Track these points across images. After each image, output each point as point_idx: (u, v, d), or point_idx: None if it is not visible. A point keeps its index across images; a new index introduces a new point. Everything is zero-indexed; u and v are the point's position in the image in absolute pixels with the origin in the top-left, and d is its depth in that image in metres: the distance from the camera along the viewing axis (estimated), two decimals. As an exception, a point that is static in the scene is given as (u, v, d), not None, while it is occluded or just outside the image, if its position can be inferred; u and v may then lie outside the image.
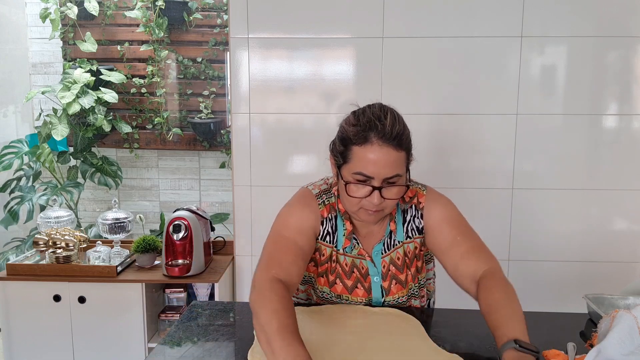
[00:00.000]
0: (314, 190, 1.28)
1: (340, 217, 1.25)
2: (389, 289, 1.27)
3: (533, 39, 2.05)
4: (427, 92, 2.11)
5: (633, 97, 2.08)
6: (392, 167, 1.11)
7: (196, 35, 3.23)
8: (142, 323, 2.30)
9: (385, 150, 1.10)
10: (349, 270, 1.26)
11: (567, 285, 2.16)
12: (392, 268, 1.27)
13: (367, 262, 1.27)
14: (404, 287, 1.28)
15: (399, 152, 1.11)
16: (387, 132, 1.10)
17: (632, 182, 2.12)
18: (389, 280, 1.27)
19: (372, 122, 1.11)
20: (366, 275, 1.27)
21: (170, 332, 1.21)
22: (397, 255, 1.27)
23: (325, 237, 1.25)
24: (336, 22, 2.09)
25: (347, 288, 1.27)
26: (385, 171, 1.10)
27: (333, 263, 1.26)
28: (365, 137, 1.10)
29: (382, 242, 1.27)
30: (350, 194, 1.14)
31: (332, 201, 1.26)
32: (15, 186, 3.12)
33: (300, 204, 1.25)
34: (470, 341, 1.16)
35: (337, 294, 1.27)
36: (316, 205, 1.24)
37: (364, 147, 1.10)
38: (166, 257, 2.27)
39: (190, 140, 3.32)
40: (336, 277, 1.27)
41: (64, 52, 3.28)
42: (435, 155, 2.13)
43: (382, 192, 1.12)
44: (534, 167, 2.12)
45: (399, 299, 1.29)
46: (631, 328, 1.01)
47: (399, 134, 1.11)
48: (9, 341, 2.32)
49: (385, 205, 1.15)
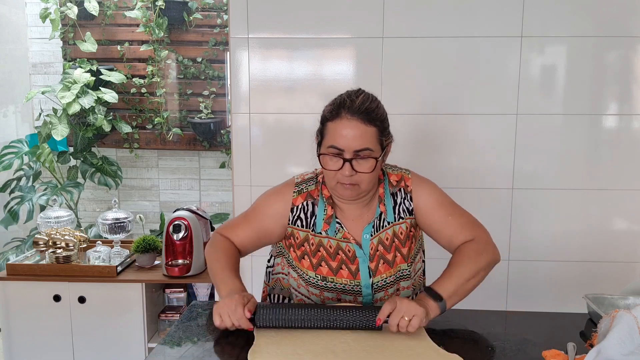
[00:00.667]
0: (297, 179, 1.39)
1: (323, 201, 1.33)
2: (376, 270, 1.31)
3: (533, 39, 2.05)
4: (427, 92, 2.11)
5: (633, 97, 2.08)
6: (360, 139, 1.19)
7: (196, 35, 3.23)
8: (142, 323, 2.30)
9: (354, 123, 1.20)
10: (333, 252, 1.32)
11: (567, 285, 2.16)
12: (380, 248, 1.32)
13: (353, 245, 1.31)
14: (391, 266, 1.32)
15: (368, 126, 1.20)
16: (356, 107, 1.21)
17: (632, 182, 2.12)
18: (376, 260, 1.31)
19: (342, 99, 1.24)
20: (353, 257, 1.31)
21: (170, 332, 1.21)
22: (386, 235, 1.32)
23: (296, 222, 1.34)
24: (336, 22, 2.09)
25: (331, 270, 1.31)
26: (354, 143, 1.19)
27: (311, 246, 1.32)
28: (337, 112, 1.22)
29: (371, 223, 1.32)
30: (325, 167, 1.25)
31: (310, 189, 1.35)
32: (15, 186, 3.12)
33: (274, 192, 1.39)
34: (470, 341, 1.16)
35: (323, 276, 1.31)
36: (290, 194, 1.35)
37: (335, 122, 1.22)
38: (166, 257, 2.28)
39: (190, 140, 3.32)
40: (320, 259, 1.32)
41: (64, 52, 3.28)
42: (435, 155, 2.13)
43: (354, 164, 1.21)
44: (534, 167, 2.12)
45: (387, 278, 1.32)
46: (631, 328, 1.01)
47: (367, 109, 1.21)
48: (9, 341, 2.32)
49: (359, 180, 1.23)
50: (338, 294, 1.32)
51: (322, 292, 1.32)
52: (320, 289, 1.32)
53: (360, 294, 1.32)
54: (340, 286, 1.31)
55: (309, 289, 1.34)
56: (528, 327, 1.23)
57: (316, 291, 1.33)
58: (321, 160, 1.25)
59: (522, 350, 1.12)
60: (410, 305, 1.12)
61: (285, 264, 1.41)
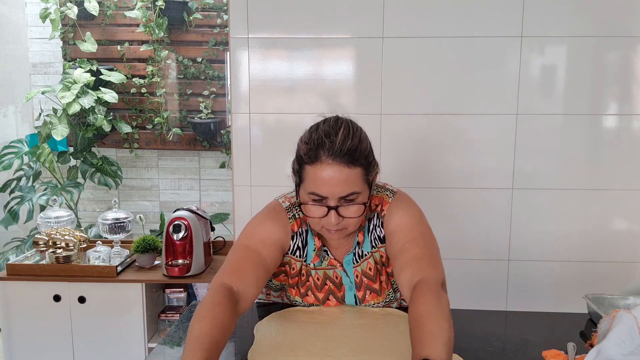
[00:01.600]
0: (284, 204, 1.26)
1: (310, 232, 1.24)
2: (363, 298, 1.26)
3: (533, 39, 2.05)
4: (427, 92, 2.11)
5: (633, 97, 2.08)
6: (345, 185, 1.07)
7: (196, 35, 3.23)
8: (142, 323, 2.30)
9: (336, 167, 1.06)
10: (320, 284, 1.25)
11: (567, 285, 2.16)
12: (365, 279, 1.25)
13: (340, 271, 1.26)
14: (379, 295, 1.26)
15: (352, 168, 1.07)
16: (337, 149, 1.06)
17: (632, 182, 2.12)
18: (363, 290, 1.26)
19: (321, 140, 1.08)
20: (340, 284, 1.26)
21: (170, 332, 1.21)
22: (368, 265, 1.25)
23: (295, 252, 1.24)
24: (336, 22, 2.09)
25: (318, 300, 1.26)
26: (338, 190, 1.07)
27: (303, 277, 1.26)
28: (316, 155, 1.07)
29: (351, 252, 1.25)
30: (308, 214, 1.13)
31: (301, 215, 1.23)
32: (15, 186, 3.12)
33: (270, 216, 1.23)
34: (470, 341, 1.16)
35: (310, 304, 1.27)
36: (286, 219, 1.23)
37: (314, 166, 1.08)
38: (166, 257, 2.28)
39: (190, 140, 3.32)
40: (307, 289, 1.27)
41: (64, 52, 3.28)
42: (434, 155, 2.13)
43: (340, 211, 1.09)
44: (534, 167, 2.12)
45: (375, 305, 1.28)
46: (631, 328, 1.01)
47: (350, 149, 1.07)
48: (9, 341, 2.32)
49: (347, 224, 1.12)
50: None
51: None
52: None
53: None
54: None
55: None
56: (528, 327, 1.23)
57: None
58: (304, 207, 1.13)
59: (522, 350, 1.12)
60: None
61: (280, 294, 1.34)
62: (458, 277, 2.17)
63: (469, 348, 1.12)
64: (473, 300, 2.14)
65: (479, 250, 2.18)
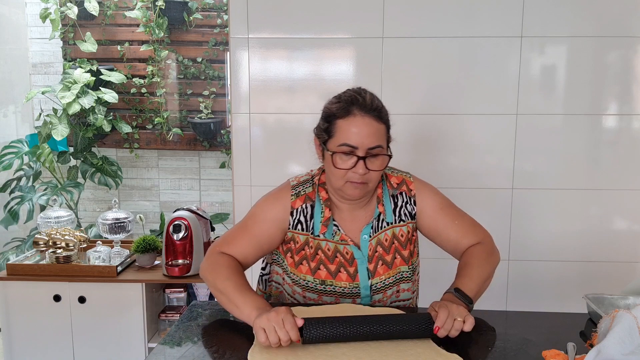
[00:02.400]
0: (292, 182, 1.35)
1: (320, 204, 1.31)
2: (374, 271, 1.31)
3: (533, 39, 2.05)
4: (427, 92, 2.11)
5: (633, 97, 2.08)
6: (374, 137, 1.19)
7: (196, 35, 3.23)
8: (142, 323, 2.30)
9: (367, 120, 1.19)
10: (331, 255, 1.30)
11: (567, 285, 2.16)
12: (379, 249, 1.31)
13: (351, 246, 1.30)
14: (389, 268, 1.31)
15: (380, 123, 1.21)
16: (368, 104, 1.20)
17: (632, 182, 2.12)
18: (374, 262, 1.31)
19: (353, 97, 1.22)
20: (352, 259, 1.30)
21: (170, 332, 1.21)
22: (385, 236, 1.32)
23: (297, 226, 1.31)
24: (336, 22, 2.09)
25: (330, 273, 1.30)
26: (368, 141, 1.19)
27: (310, 249, 1.30)
28: (348, 110, 1.20)
29: (370, 224, 1.31)
30: (336, 166, 1.21)
31: (308, 191, 1.32)
32: (15, 186, 3.12)
33: (271, 196, 1.34)
34: (470, 341, 1.16)
35: (322, 280, 1.30)
36: (288, 198, 1.32)
37: (347, 120, 1.20)
38: (166, 257, 2.28)
39: (190, 140, 3.32)
40: (319, 262, 1.30)
41: (64, 52, 3.28)
42: (435, 155, 2.13)
43: (366, 162, 1.20)
44: (534, 167, 2.12)
45: (386, 280, 1.31)
46: (631, 328, 1.01)
47: (378, 106, 1.22)
48: (9, 341, 2.32)
49: (369, 178, 1.22)
50: (337, 298, 1.32)
51: (321, 297, 1.32)
52: (319, 293, 1.31)
53: (359, 296, 1.31)
54: (339, 289, 1.30)
55: (306, 294, 1.32)
56: (528, 327, 1.23)
57: (314, 296, 1.32)
58: (333, 158, 1.22)
59: (522, 350, 1.12)
60: (460, 309, 1.10)
61: (280, 271, 1.38)
62: (458, 277, 2.18)
63: (469, 348, 1.12)
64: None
65: (479, 250, 2.18)
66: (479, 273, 1.24)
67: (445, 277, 2.17)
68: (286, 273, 1.35)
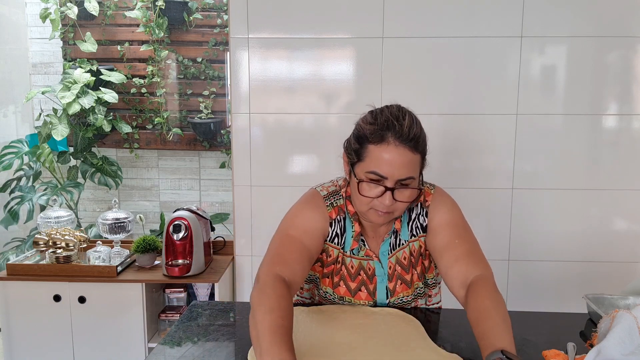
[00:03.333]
0: (322, 192, 1.27)
1: (349, 218, 1.24)
2: (394, 290, 1.27)
3: (533, 39, 2.05)
4: (427, 92, 2.11)
5: (633, 97, 2.08)
6: (406, 168, 1.09)
7: (196, 35, 3.23)
8: (142, 323, 2.30)
9: (401, 151, 1.09)
10: (354, 272, 1.25)
11: (567, 285, 2.16)
12: (398, 268, 1.26)
13: (375, 262, 1.26)
14: (409, 287, 1.27)
15: (415, 154, 1.10)
16: (405, 133, 1.09)
17: (632, 182, 2.12)
18: (394, 281, 1.26)
19: (390, 122, 1.10)
20: (372, 276, 1.26)
21: (170, 332, 1.21)
22: (404, 255, 1.26)
23: (334, 239, 1.24)
24: (336, 22, 2.09)
25: (350, 291, 1.27)
26: (399, 172, 1.09)
27: (339, 264, 1.26)
28: (382, 136, 1.10)
29: (386, 241, 1.26)
30: (362, 193, 1.13)
31: (340, 203, 1.25)
32: (15, 186, 3.12)
33: (309, 204, 1.25)
34: (470, 341, 1.16)
35: (340, 296, 1.27)
36: (324, 207, 1.24)
37: (379, 146, 1.10)
38: (166, 257, 2.28)
39: (190, 140, 3.32)
40: (340, 279, 1.26)
41: (64, 52, 3.28)
42: (434, 155, 2.12)
43: (394, 193, 1.11)
44: (534, 167, 2.12)
45: (404, 298, 1.28)
46: (631, 328, 1.01)
47: (415, 136, 1.10)
48: (9, 341, 2.32)
49: (395, 208, 1.13)
50: None
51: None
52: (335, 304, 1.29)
53: None
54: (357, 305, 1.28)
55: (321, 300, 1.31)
56: (528, 327, 1.23)
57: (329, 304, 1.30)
58: (359, 185, 1.13)
59: (522, 350, 1.12)
60: None
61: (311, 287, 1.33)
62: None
63: (469, 348, 1.12)
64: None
65: (479, 250, 2.18)
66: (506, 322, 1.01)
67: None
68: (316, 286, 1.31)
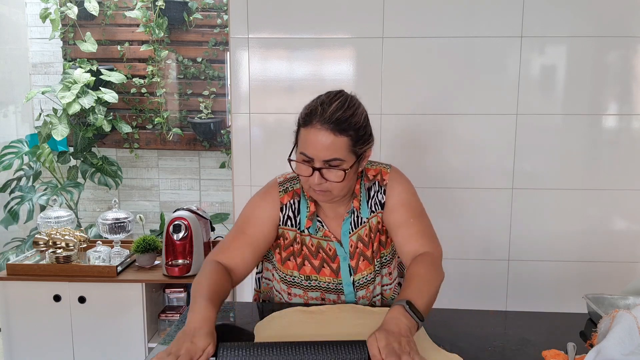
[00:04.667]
0: (279, 180, 1.36)
1: (304, 199, 1.31)
2: (356, 267, 1.32)
3: (533, 39, 2.05)
4: (427, 92, 2.11)
5: (633, 97, 2.08)
6: (330, 150, 1.15)
7: (196, 35, 3.23)
8: (142, 323, 2.30)
9: (323, 133, 1.15)
10: (314, 250, 1.31)
11: (567, 285, 2.16)
12: (360, 245, 1.32)
13: (334, 243, 1.31)
14: (370, 263, 1.32)
15: (338, 137, 1.15)
16: (327, 116, 1.15)
17: (632, 182, 2.12)
18: (356, 258, 1.32)
19: (315, 107, 1.18)
20: (334, 256, 1.32)
21: (170, 332, 1.21)
22: (365, 232, 1.32)
23: (287, 222, 1.31)
24: (336, 22, 2.09)
25: (314, 268, 1.32)
26: (323, 154, 1.16)
27: (297, 245, 1.32)
28: (309, 120, 1.17)
29: (347, 220, 1.31)
30: (297, 172, 1.23)
31: (296, 187, 1.32)
32: (15, 186, 3.12)
33: (260, 195, 1.34)
34: (470, 341, 1.16)
35: (307, 275, 1.32)
36: (276, 194, 1.32)
37: (306, 129, 1.18)
38: (166, 257, 2.28)
39: (190, 140, 3.32)
40: (303, 258, 1.32)
41: (64, 52, 3.28)
42: (434, 155, 2.13)
43: (323, 173, 1.18)
44: (534, 167, 2.12)
45: (367, 276, 1.33)
46: (631, 328, 1.01)
47: (339, 119, 1.15)
48: (9, 341, 2.32)
49: (330, 187, 1.20)
50: (322, 293, 1.34)
51: (306, 292, 1.34)
52: (305, 289, 1.33)
53: (343, 293, 1.33)
54: (324, 285, 1.33)
55: (291, 290, 1.34)
56: (528, 327, 1.23)
57: (300, 292, 1.34)
58: (292, 165, 1.23)
59: (522, 350, 1.12)
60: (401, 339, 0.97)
61: (270, 267, 1.40)
62: (458, 277, 2.17)
63: (469, 348, 1.12)
64: (473, 300, 2.15)
65: (479, 250, 2.18)
66: (429, 289, 1.14)
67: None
68: (275, 269, 1.37)
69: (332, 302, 1.33)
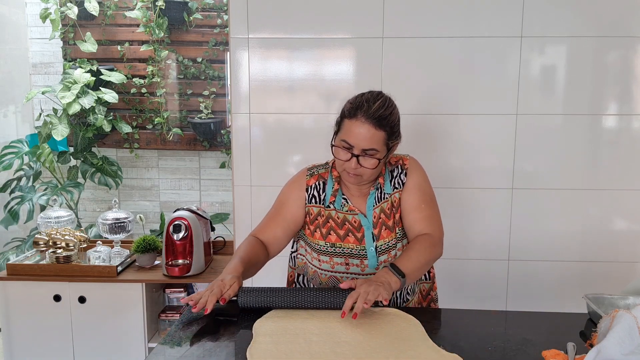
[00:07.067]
0: (308, 167, 1.56)
1: (331, 179, 1.50)
2: (379, 235, 1.47)
3: (533, 39, 2.05)
4: (427, 92, 2.11)
5: (633, 97, 2.08)
6: (369, 141, 1.34)
7: (196, 35, 3.23)
8: (142, 323, 2.30)
9: (366, 126, 1.34)
10: (340, 222, 1.48)
11: (567, 285, 2.16)
12: (383, 216, 1.48)
13: (359, 215, 1.48)
14: (392, 231, 1.48)
15: (378, 130, 1.34)
16: (371, 112, 1.34)
17: (632, 182, 2.12)
18: (379, 227, 1.48)
19: (361, 103, 1.37)
20: (359, 227, 1.48)
21: (170, 332, 1.21)
22: (387, 205, 1.49)
23: (311, 200, 1.50)
24: (336, 22, 2.09)
25: (339, 237, 1.48)
26: (363, 143, 1.34)
27: (322, 217, 1.49)
28: (354, 113, 1.35)
29: (372, 194, 1.48)
30: (335, 156, 1.41)
31: (321, 171, 1.53)
32: (15, 186, 3.12)
33: (290, 181, 1.56)
34: (470, 341, 1.16)
35: (332, 243, 1.48)
36: (303, 178, 1.53)
37: (351, 121, 1.36)
38: (166, 257, 2.28)
39: (191, 140, 3.32)
40: (329, 229, 1.49)
41: (64, 52, 3.28)
42: (434, 155, 2.13)
43: (360, 160, 1.36)
44: (534, 167, 2.12)
45: (389, 242, 1.47)
46: (631, 328, 1.01)
47: (381, 116, 1.35)
48: (9, 341, 2.32)
49: (363, 172, 1.38)
50: (346, 259, 1.48)
51: (332, 258, 1.48)
52: (330, 255, 1.48)
53: (366, 257, 1.46)
54: (348, 251, 1.47)
55: (320, 257, 1.49)
56: (528, 327, 1.23)
57: (326, 258, 1.49)
58: (333, 150, 1.40)
59: (522, 350, 1.12)
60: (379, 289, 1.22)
61: (303, 244, 1.57)
62: (458, 277, 2.18)
63: (469, 348, 1.12)
64: (473, 300, 2.15)
65: (479, 250, 2.18)
66: (418, 257, 1.36)
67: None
68: (307, 243, 1.54)
69: (355, 266, 1.47)
